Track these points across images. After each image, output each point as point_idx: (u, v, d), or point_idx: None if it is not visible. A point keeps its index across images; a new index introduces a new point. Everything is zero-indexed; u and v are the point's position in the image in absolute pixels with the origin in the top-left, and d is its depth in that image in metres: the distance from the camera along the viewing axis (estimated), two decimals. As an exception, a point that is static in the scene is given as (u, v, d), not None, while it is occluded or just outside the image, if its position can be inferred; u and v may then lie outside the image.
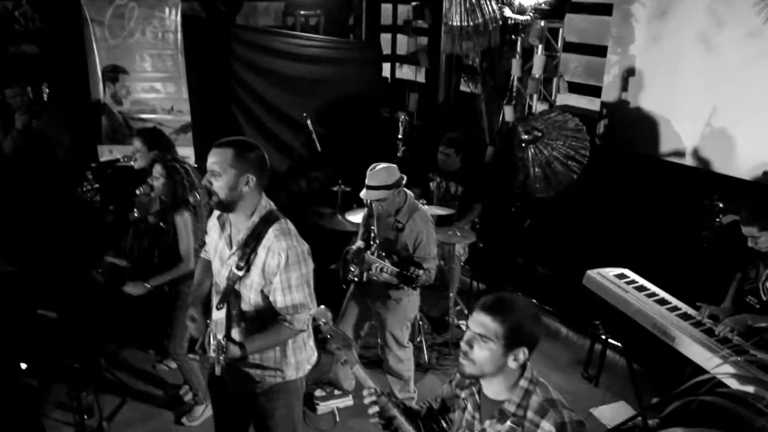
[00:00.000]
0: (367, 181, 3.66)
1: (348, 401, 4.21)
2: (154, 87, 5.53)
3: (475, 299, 5.21)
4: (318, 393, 4.17)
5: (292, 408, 2.77)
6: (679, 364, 3.80)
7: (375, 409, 2.13)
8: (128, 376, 4.42)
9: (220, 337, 2.41)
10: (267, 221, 2.50)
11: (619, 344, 4.53)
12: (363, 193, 3.71)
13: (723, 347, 3.16)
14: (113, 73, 5.43)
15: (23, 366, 4.02)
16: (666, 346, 3.39)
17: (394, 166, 3.69)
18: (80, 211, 4.79)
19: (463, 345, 1.96)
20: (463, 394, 2.15)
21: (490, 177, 5.91)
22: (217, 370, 2.39)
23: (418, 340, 4.79)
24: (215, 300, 2.59)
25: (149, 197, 3.87)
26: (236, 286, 2.54)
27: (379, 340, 4.45)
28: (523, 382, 1.97)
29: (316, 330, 2.37)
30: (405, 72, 7.77)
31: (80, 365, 3.43)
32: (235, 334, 2.57)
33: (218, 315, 2.50)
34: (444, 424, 2.29)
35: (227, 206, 2.49)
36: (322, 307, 2.36)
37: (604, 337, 4.39)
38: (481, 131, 6.34)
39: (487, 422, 2.02)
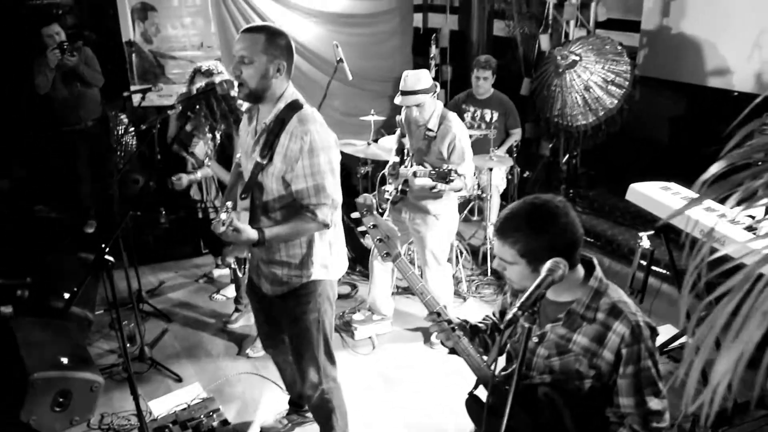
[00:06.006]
0: (401, 87, 3.61)
1: (386, 327, 4.17)
2: (183, 22, 5.48)
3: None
4: (356, 317, 4.14)
5: (322, 313, 2.63)
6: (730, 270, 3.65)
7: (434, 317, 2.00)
8: (173, 306, 4.49)
9: (229, 204, 2.32)
10: (292, 108, 2.40)
11: (662, 270, 4.40)
12: (398, 99, 3.65)
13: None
14: (142, 11, 5.39)
15: (66, 296, 4.08)
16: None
17: (426, 71, 3.63)
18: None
19: (496, 267, 1.85)
20: (518, 302, 2.02)
21: (528, 109, 5.76)
22: (221, 228, 2.21)
23: (457, 269, 4.72)
24: (239, 190, 2.52)
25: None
26: (259, 177, 2.43)
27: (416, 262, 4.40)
28: (592, 282, 1.81)
29: (357, 222, 2.21)
30: (435, 21, 7.75)
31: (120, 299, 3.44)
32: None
33: (242, 205, 2.43)
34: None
35: (257, 96, 2.39)
36: (365, 194, 2.19)
37: (645, 263, 4.23)
38: (517, 63, 6.16)
39: (549, 326, 1.86)
